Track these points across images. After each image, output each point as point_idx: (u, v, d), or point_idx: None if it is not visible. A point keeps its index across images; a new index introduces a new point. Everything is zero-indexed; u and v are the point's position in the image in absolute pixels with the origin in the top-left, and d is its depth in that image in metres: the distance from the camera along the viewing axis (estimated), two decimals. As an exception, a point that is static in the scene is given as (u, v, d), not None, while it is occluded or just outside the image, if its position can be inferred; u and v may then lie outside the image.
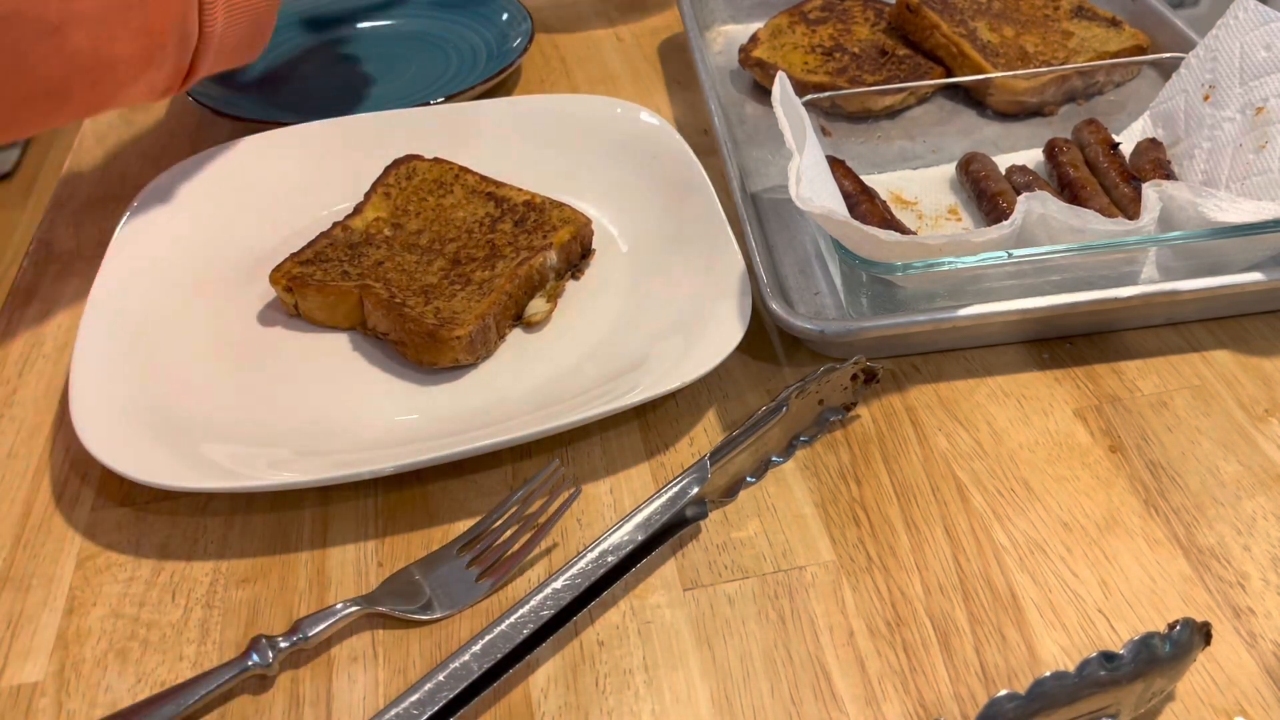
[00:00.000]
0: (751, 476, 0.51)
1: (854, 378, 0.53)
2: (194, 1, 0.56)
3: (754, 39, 0.80)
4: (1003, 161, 0.67)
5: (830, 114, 0.73)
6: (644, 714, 0.42)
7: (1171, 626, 0.39)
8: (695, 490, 0.47)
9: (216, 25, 0.58)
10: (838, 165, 0.64)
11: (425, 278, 0.59)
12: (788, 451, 0.52)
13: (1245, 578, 0.46)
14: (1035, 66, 0.75)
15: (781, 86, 0.58)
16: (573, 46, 0.89)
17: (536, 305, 0.59)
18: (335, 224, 0.63)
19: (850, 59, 0.78)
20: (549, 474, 0.48)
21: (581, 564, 0.44)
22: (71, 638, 0.46)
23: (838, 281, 0.58)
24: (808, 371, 0.51)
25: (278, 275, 0.59)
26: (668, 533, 0.47)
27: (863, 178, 0.64)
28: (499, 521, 0.48)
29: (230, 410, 0.54)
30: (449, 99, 0.76)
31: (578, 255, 0.63)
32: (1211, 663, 0.43)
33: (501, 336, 0.58)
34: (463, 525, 0.50)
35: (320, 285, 0.58)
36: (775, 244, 0.63)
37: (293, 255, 0.61)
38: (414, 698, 0.40)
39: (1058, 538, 0.48)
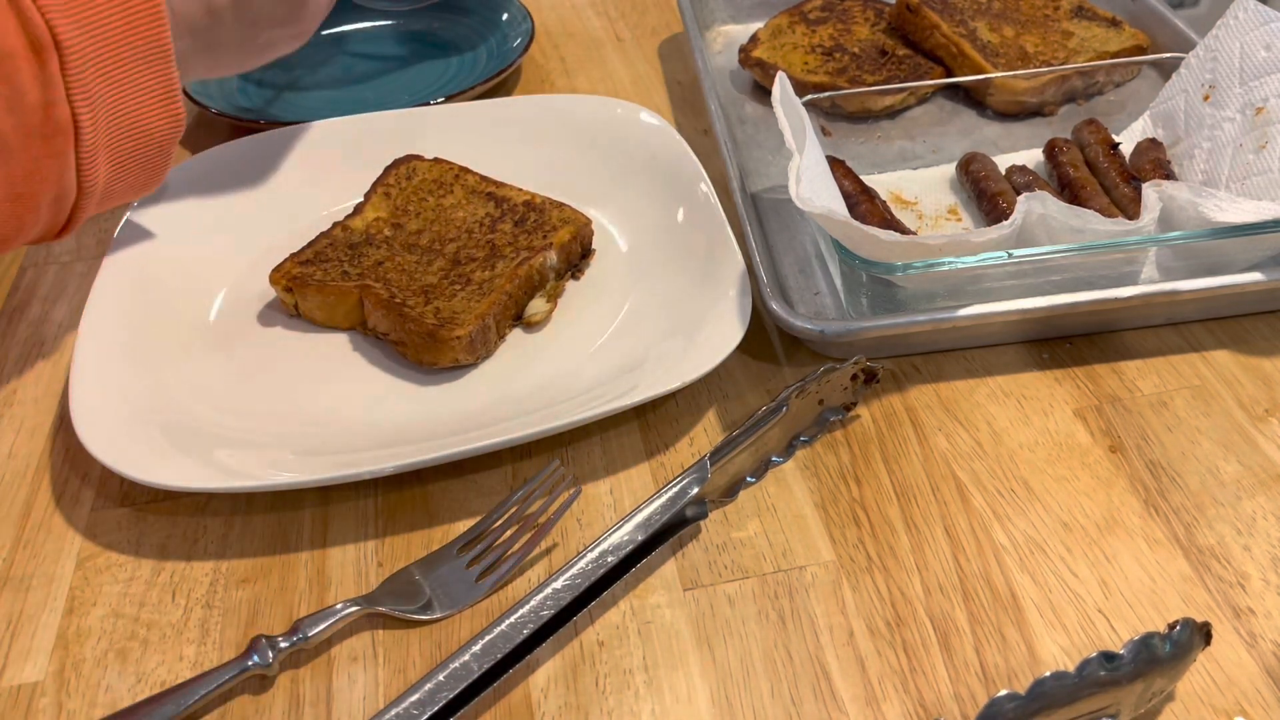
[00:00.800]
0: (751, 476, 0.51)
1: (854, 378, 0.53)
2: (70, 162, 0.50)
3: (754, 39, 0.80)
4: (1003, 161, 0.67)
5: (830, 114, 0.73)
6: (644, 714, 0.42)
7: (1171, 626, 0.39)
8: (695, 490, 0.47)
9: (98, 179, 0.52)
10: (838, 165, 0.64)
11: (425, 278, 0.59)
12: (788, 451, 0.52)
13: (1245, 578, 0.46)
14: (1035, 66, 0.75)
15: (781, 86, 0.58)
16: (573, 46, 0.89)
17: (536, 305, 0.59)
18: (335, 224, 0.63)
19: (850, 59, 0.78)
20: (549, 474, 0.48)
21: (581, 564, 0.44)
22: (71, 638, 0.46)
23: (838, 281, 0.58)
24: (808, 371, 0.51)
25: (278, 275, 0.59)
26: (668, 533, 0.47)
27: (863, 178, 0.64)
28: (499, 521, 0.48)
29: (230, 410, 0.54)
30: (449, 99, 0.76)
31: (578, 255, 0.63)
32: (1211, 663, 0.43)
33: (501, 336, 0.58)
34: (463, 525, 0.50)
35: (320, 285, 0.58)
36: (775, 244, 0.63)
37: (293, 255, 0.61)
38: (414, 698, 0.40)
39: (1058, 538, 0.48)
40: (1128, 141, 0.67)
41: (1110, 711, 0.38)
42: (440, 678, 0.40)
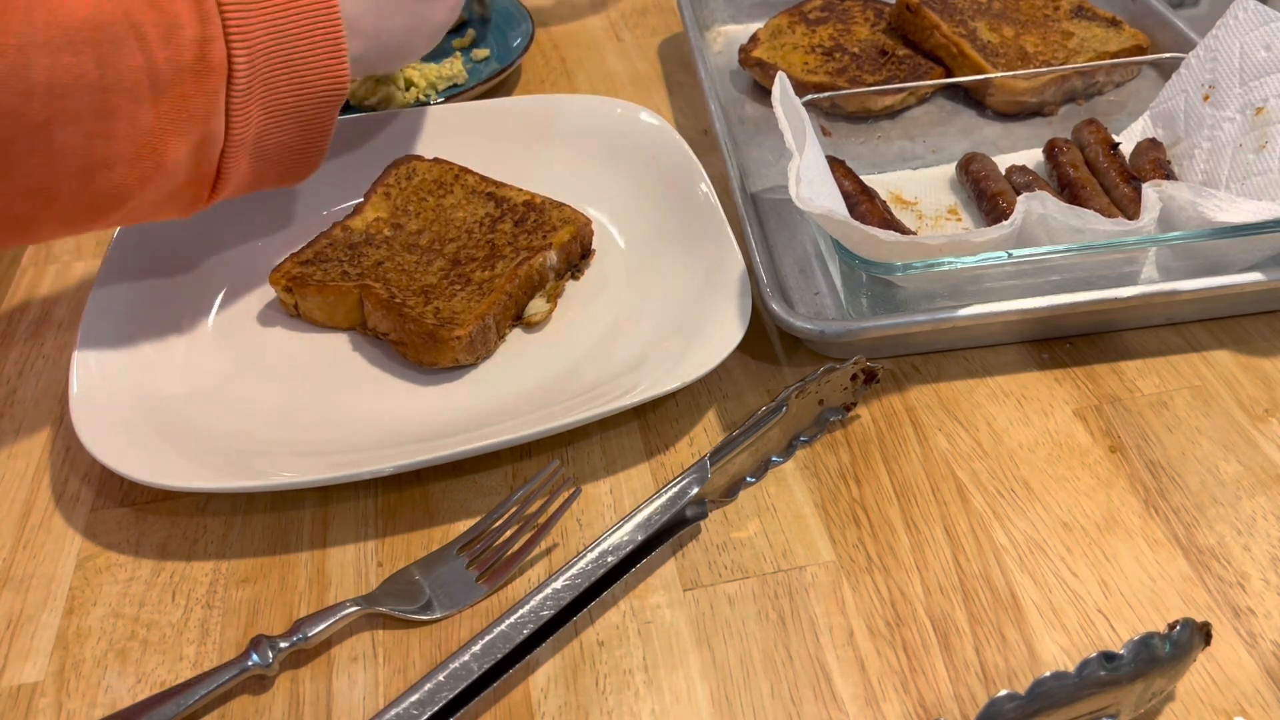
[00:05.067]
0: (751, 476, 0.51)
1: (854, 378, 0.53)
2: (220, 103, 0.48)
3: (754, 39, 0.80)
4: (1003, 161, 0.67)
5: (830, 114, 0.73)
6: (644, 714, 0.42)
7: (1171, 626, 0.39)
8: (695, 490, 0.47)
9: (249, 129, 0.50)
10: (838, 165, 0.64)
11: (425, 278, 0.59)
12: (788, 451, 0.52)
13: (1245, 578, 0.46)
14: (1035, 66, 0.75)
15: (781, 86, 0.58)
16: (573, 46, 0.89)
17: (536, 305, 0.59)
18: (335, 224, 0.63)
19: (850, 59, 0.78)
20: (549, 474, 0.48)
21: (581, 564, 0.44)
22: (71, 638, 0.46)
23: (838, 281, 0.58)
24: (808, 371, 0.51)
25: (278, 275, 0.59)
26: (668, 533, 0.47)
27: (863, 178, 0.64)
28: (499, 522, 0.48)
29: (230, 410, 0.54)
30: (449, 99, 0.76)
31: (578, 255, 0.63)
32: (1211, 663, 0.43)
33: (501, 336, 0.58)
34: (463, 525, 0.50)
35: (320, 285, 0.58)
36: (775, 244, 0.63)
37: (293, 255, 0.61)
38: (414, 698, 0.40)
39: (1058, 538, 0.48)
40: (1128, 141, 0.67)
41: (1110, 711, 0.38)
42: (440, 678, 0.40)
